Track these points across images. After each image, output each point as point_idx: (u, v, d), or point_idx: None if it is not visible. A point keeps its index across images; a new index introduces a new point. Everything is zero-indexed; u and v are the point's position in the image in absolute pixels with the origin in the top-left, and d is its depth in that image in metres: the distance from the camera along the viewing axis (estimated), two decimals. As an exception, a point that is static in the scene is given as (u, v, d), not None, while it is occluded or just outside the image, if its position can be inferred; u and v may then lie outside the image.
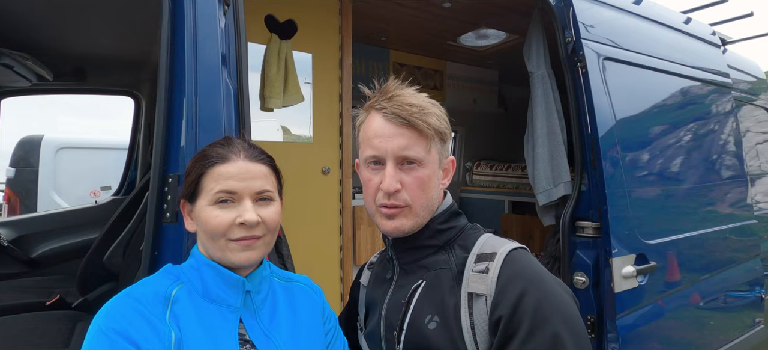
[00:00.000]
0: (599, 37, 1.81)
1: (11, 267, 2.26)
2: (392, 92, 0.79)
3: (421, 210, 0.80)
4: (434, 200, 0.82)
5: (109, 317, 0.64)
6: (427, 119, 0.77)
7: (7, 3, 1.53)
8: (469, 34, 2.91)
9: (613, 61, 1.84)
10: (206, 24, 0.90)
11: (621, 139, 1.75)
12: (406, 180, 0.78)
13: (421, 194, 0.79)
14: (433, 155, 0.80)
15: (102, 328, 0.63)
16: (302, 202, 1.92)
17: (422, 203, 0.79)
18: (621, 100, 1.80)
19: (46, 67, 2.14)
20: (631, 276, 1.63)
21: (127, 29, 1.85)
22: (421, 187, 0.78)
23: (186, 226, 0.76)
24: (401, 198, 0.78)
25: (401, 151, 0.77)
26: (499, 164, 3.86)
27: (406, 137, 0.77)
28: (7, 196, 4.71)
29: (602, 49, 1.81)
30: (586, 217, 1.70)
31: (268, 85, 1.82)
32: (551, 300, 0.70)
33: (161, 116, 0.86)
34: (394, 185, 0.77)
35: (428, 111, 0.78)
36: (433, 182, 0.80)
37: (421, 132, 0.77)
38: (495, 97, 4.02)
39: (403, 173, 0.78)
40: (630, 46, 1.94)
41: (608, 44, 1.85)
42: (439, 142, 0.81)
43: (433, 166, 0.80)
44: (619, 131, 1.75)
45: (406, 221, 0.79)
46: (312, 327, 0.81)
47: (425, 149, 0.78)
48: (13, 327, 1.71)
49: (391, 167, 0.78)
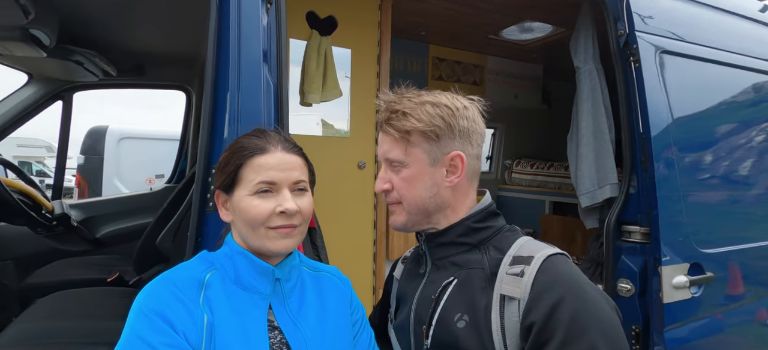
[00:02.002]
0: (657, 29, 1.68)
1: (79, 245, 2.50)
2: (390, 98, 0.84)
3: (409, 207, 0.83)
4: (427, 199, 0.82)
5: (149, 298, 0.69)
6: (400, 123, 0.80)
7: (78, 6, 1.68)
8: (512, 27, 2.81)
9: (672, 55, 1.70)
10: (249, 22, 0.94)
11: (678, 139, 1.62)
12: (394, 180, 0.84)
13: (407, 192, 0.83)
14: (417, 155, 0.81)
15: (142, 308, 0.68)
16: (338, 195, 1.96)
17: (409, 201, 0.83)
18: (680, 97, 1.67)
19: (110, 63, 2.33)
20: (683, 286, 1.52)
21: (180, 28, 1.97)
22: (405, 186, 0.83)
23: (221, 216, 0.79)
24: (392, 197, 0.85)
25: (384, 154, 0.85)
26: (540, 163, 3.71)
27: (387, 142, 0.84)
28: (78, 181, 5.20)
29: (660, 41, 1.68)
30: (634, 221, 1.60)
31: (308, 80, 1.86)
32: (590, 310, 0.67)
33: (207, 110, 0.91)
34: (381, 185, 0.85)
35: (406, 114, 0.80)
36: (423, 181, 0.82)
37: (394, 137, 0.82)
38: (538, 93, 3.87)
39: (392, 174, 0.84)
40: (693, 39, 1.79)
41: (667, 37, 1.71)
42: (423, 141, 0.81)
43: (419, 165, 0.81)
44: (675, 131, 1.62)
45: (398, 217, 0.85)
46: (339, 316, 0.83)
47: (402, 151, 0.82)
48: (78, 299, 1.89)
49: (382, 170, 0.86)
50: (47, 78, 2.39)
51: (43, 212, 2.17)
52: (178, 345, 0.65)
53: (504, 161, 4.04)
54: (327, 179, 1.86)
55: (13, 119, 2.35)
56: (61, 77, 2.40)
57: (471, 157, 0.83)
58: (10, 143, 14.60)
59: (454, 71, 3.36)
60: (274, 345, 0.74)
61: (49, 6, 1.58)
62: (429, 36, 3.03)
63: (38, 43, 1.69)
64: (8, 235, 2.26)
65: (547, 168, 3.60)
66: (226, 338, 0.69)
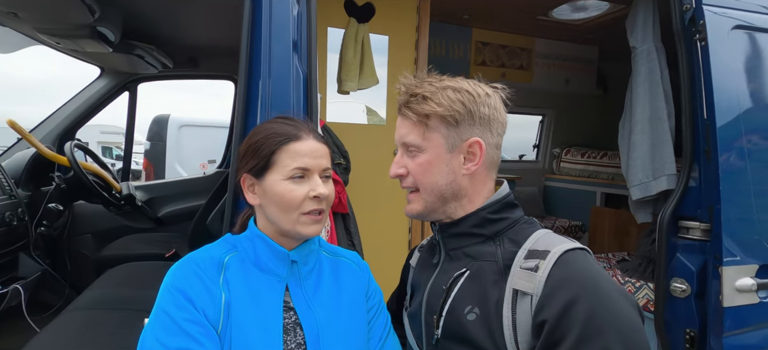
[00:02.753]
0: (730, 1, 1.49)
1: (143, 223, 2.76)
2: (409, 82, 0.83)
3: (426, 194, 0.82)
4: (444, 186, 0.80)
5: (174, 276, 0.74)
6: (420, 107, 0.78)
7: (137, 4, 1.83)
8: (563, 6, 2.63)
9: (748, 30, 1.50)
10: (280, 12, 0.96)
11: (750, 126, 1.44)
12: (410, 165, 0.82)
13: (424, 178, 0.81)
14: (435, 140, 0.79)
15: (168, 285, 0.74)
16: (375, 183, 1.97)
17: (426, 188, 0.81)
18: (756, 78, 1.48)
19: (167, 56, 2.52)
20: (749, 289, 1.37)
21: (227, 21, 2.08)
22: (422, 171, 0.81)
23: (249, 200, 0.81)
24: (408, 182, 0.83)
25: (402, 139, 0.83)
26: (592, 152, 3.48)
27: (405, 126, 0.82)
28: (145, 164, 5.71)
29: (733, 14, 1.49)
30: (694, 216, 1.46)
31: (345, 68, 1.88)
32: (608, 309, 0.63)
33: (241, 98, 0.95)
34: (395, 170, 0.83)
35: (426, 97, 0.78)
36: (439, 167, 0.79)
37: (413, 120, 0.80)
38: (593, 76, 3.61)
39: (408, 159, 0.83)
40: (776, 10, 1.56)
41: (741, 9, 1.51)
42: (442, 126, 0.78)
43: (436, 150, 0.79)
44: (747, 117, 1.44)
45: (415, 205, 0.84)
46: (354, 301, 0.84)
47: (420, 135, 0.80)
48: (140, 271, 2.11)
49: (398, 155, 0.84)
50: (115, 71, 2.64)
51: (113, 192, 2.41)
52: (197, 320, 0.70)
53: (552, 149, 3.84)
54: (364, 166, 1.88)
55: (89, 108, 2.63)
56: (127, 70, 2.64)
57: (490, 145, 0.80)
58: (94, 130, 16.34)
59: (499, 56, 3.23)
60: (288, 324, 0.77)
61: (112, 5, 1.73)
62: (472, 19, 2.93)
63: (104, 39, 1.87)
64: (87, 212, 2.55)
65: (600, 157, 3.37)
66: (242, 316, 0.73)
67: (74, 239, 2.49)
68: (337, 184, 1.37)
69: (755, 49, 1.51)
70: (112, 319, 1.58)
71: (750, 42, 1.50)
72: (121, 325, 1.52)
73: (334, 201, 1.06)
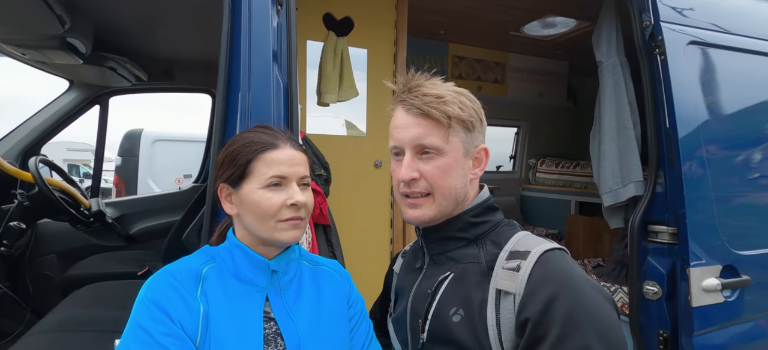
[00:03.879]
0: (684, 19, 1.60)
1: (114, 241, 2.65)
2: (413, 83, 0.80)
3: (442, 199, 0.79)
4: (459, 190, 0.80)
5: (149, 289, 0.72)
6: (444, 108, 0.76)
7: (110, 15, 1.79)
8: (534, 23, 2.75)
9: (702, 46, 1.61)
10: (260, 23, 0.97)
11: (708, 135, 1.54)
12: (425, 169, 0.78)
13: (442, 182, 0.78)
14: (455, 144, 0.78)
15: (143, 298, 0.72)
16: (355, 194, 1.98)
17: (443, 192, 0.78)
18: (710, 90, 1.58)
19: (141, 68, 2.46)
20: (714, 289, 1.43)
21: (204, 34, 2.06)
22: (440, 176, 0.78)
23: (226, 209, 0.81)
24: (420, 187, 0.79)
25: (417, 140, 0.78)
26: (566, 162, 3.60)
27: (423, 126, 0.77)
28: (115, 181, 5.49)
29: (688, 32, 1.60)
30: (661, 221, 1.53)
31: (324, 80, 1.90)
32: (585, 306, 0.65)
33: (220, 110, 0.94)
34: (410, 174, 0.78)
35: (447, 100, 0.77)
36: (456, 171, 0.79)
37: (436, 121, 0.76)
38: (563, 90, 3.76)
39: (421, 163, 0.79)
40: (724, 28, 1.69)
41: (696, 27, 1.62)
42: (461, 130, 0.79)
43: (455, 154, 0.78)
44: (706, 126, 1.53)
45: (427, 210, 0.79)
46: (335, 310, 0.84)
47: (442, 137, 0.77)
48: (111, 290, 2.01)
49: (409, 157, 0.79)
50: (85, 84, 2.55)
51: (81, 209, 2.31)
52: (173, 334, 0.68)
53: (528, 160, 3.95)
54: (344, 178, 1.89)
55: (56, 122, 2.52)
56: (98, 83, 2.56)
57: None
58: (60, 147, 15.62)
59: (475, 70, 3.32)
60: (269, 335, 0.76)
61: (84, 16, 1.69)
62: (448, 34, 3.01)
63: (75, 50, 1.81)
64: (51, 231, 2.42)
65: (573, 167, 3.49)
66: (221, 328, 0.71)
67: (37, 260, 2.36)
68: (318, 195, 1.36)
69: (708, 63, 1.62)
70: (80, 341, 1.49)
71: (703, 56, 1.61)
72: (91, 347, 1.45)
73: (315, 213, 1.05)
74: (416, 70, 0.84)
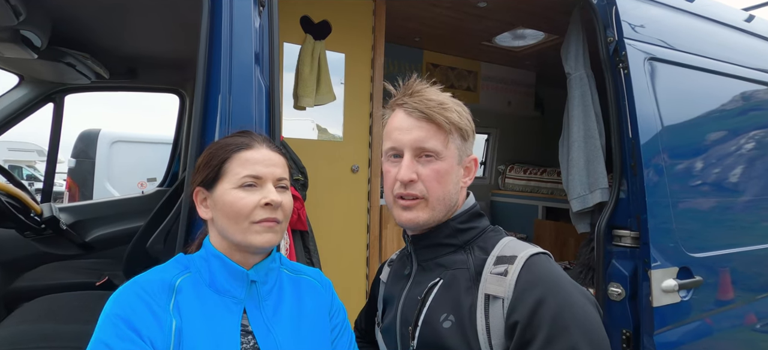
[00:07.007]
0: (645, 36, 1.71)
1: (68, 249, 2.45)
2: (414, 88, 0.81)
3: (437, 203, 0.80)
4: (452, 195, 0.81)
5: (116, 303, 0.68)
6: (446, 114, 0.78)
7: (70, 7, 1.67)
8: (505, 34, 2.84)
9: (661, 62, 1.74)
10: (242, 24, 0.94)
11: (667, 145, 1.65)
12: (423, 172, 0.79)
13: (438, 186, 0.79)
14: (452, 150, 0.80)
15: (108, 313, 0.67)
16: (331, 199, 1.95)
17: (438, 196, 0.79)
18: (669, 103, 1.70)
19: (103, 66, 2.31)
20: (672, 289, 1.53)
21: (174, 31, 1.97)
22: (437, 179, 0.79)
23: (201, 214, 0.78)
24: (417, 189, 0.79)
25: (419, 143, 0.78)
26: (533, 168, 3.74)
27: (425, 129, 0.78)
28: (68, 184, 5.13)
29: (648, 49, 1.71)
30: (624, 225, 1.62)
31: (301, 84, 1.87)
32: (571, 309, 0.68)
33: (198, 112, 0.91)
34: (409, 175, 0.78)
35: (448, 107, 0.79)
36: (451, 177, 0.80)
37: (439, 125, 0.78)
38: (531, 99, 3.91)
39: (420, 165, 0.79)
40: (681, 47, 1.82)
41: (655, 44, 1.74)
42: (458, 138, 0.81)
43: (451, 161, 0.80)
44: (664, 137, 1.65)
45: (421, 213, 0.80)
46: (316, 320, 0.81)
47: (443, 142, 0.79)
48: (67, 303, 1.86)
49: (408, 158, 0.79)
50: (38, 80, 2.37)
51: (31, 215, 2.13)
52: None
53: (497, 166, 4.06)
54: (321, 182, 1.86)
55: (2, 121, 2.32)
56: (53, 79, 2.38)
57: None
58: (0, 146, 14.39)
59: (448, 77, 3.39)
60: None
61: (41, 7, 1.57)
62: (423, 42, 3.06)
63: (29, 44, 1.68)
64: (-6, 239, 2.23)
65: (540, 174, 3.63)
66: (195, 344, 0.67)
67: (-23, 271, 2.16)
68: (297, 200, 1.33)
69: (666, 77, 1.74)
70: (33, 360, 1.38)
71: (662, 71, 1.73)
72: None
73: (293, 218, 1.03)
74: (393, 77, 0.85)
